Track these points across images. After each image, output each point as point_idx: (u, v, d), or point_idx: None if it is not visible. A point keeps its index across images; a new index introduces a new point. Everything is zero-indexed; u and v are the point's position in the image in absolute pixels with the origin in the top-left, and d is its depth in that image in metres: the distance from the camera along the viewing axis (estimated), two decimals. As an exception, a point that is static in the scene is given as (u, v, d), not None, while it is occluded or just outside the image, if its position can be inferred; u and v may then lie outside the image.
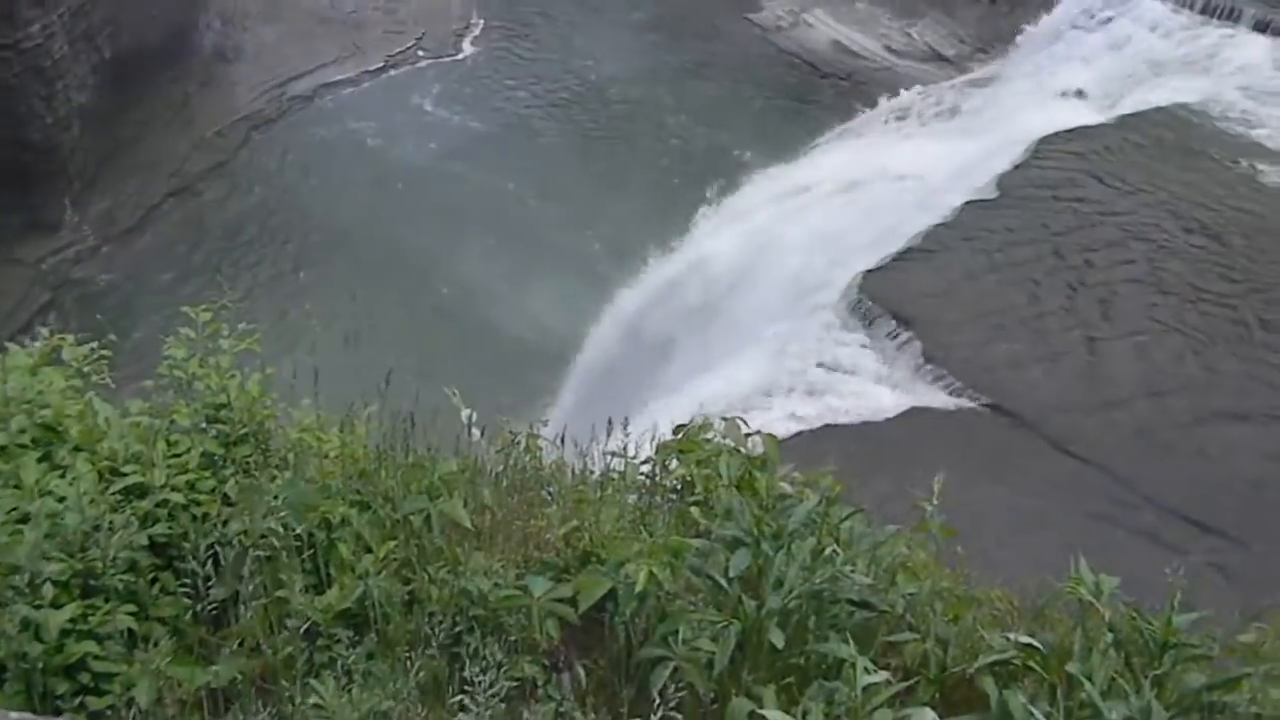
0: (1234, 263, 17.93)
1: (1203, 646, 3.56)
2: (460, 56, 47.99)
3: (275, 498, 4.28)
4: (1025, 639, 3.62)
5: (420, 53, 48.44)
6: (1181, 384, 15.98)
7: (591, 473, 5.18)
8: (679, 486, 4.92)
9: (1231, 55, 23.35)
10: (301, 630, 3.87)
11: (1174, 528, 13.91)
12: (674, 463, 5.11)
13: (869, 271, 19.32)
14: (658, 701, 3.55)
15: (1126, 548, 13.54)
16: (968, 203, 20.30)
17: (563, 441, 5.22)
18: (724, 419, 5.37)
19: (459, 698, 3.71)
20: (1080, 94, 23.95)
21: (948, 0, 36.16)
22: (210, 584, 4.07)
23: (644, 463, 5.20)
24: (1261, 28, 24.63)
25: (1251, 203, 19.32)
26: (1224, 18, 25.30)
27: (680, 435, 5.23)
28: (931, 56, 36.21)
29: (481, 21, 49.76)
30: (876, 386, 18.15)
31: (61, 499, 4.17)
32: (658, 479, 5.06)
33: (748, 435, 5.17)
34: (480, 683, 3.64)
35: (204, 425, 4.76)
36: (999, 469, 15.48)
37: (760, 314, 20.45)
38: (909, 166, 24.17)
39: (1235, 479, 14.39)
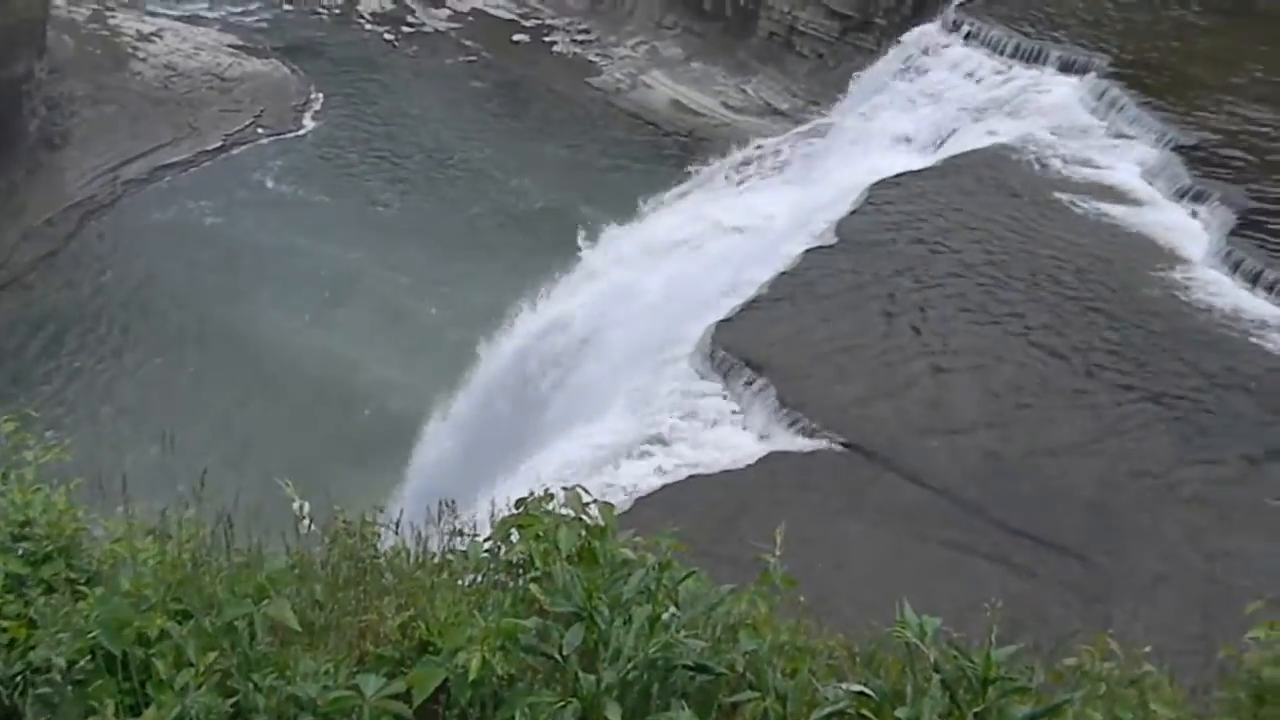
0: (1059, 291, 18.95)
1: (1023, 678, 3.69)
2: (301, 132, 47.42)
3: (86, 616, 4.05)
4: (857, 688, 3.68)
5: (260, 130, 47.69)
6: (1020, 411, 16.72)
7: (432, 556, 5.08)
8: (519, 563, 4.86)
9: (1040, 96, 24.91)
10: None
11: (1022, 549, 14.45)
12: (514, 538, 5.05)
13: (721, 322, 19.67)
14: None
15: (980, 572, 13.99)
16: (809, 250, 20.95)
17: (398, 527, 5.10)
18: (564, 488, 5.34)
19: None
20: (907, 140, 25.14)
21: (778, 57, 37.68)
22: (19, 717, 3.81)
23: (486, 540, 5.12)
24: (1067, 69, 26.35)
25: (1071, 234, 20.51)
26: (1032, 61, 27.00)
27: (520, 509, 5.17)
28: (767, 111, 37.55)
29: (321, 96, 49.35)
30: (736, 434, 18.41)
31: None
32: (499, 556, 4.99)
33: (588, 504, 5.16)
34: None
35: (8, 544, 4.48)
36: (857, 505, 15.85)
37: (617, 371, 20.57)
38: (752, 218, 24.85)
39: (1074, 498, 15.07)
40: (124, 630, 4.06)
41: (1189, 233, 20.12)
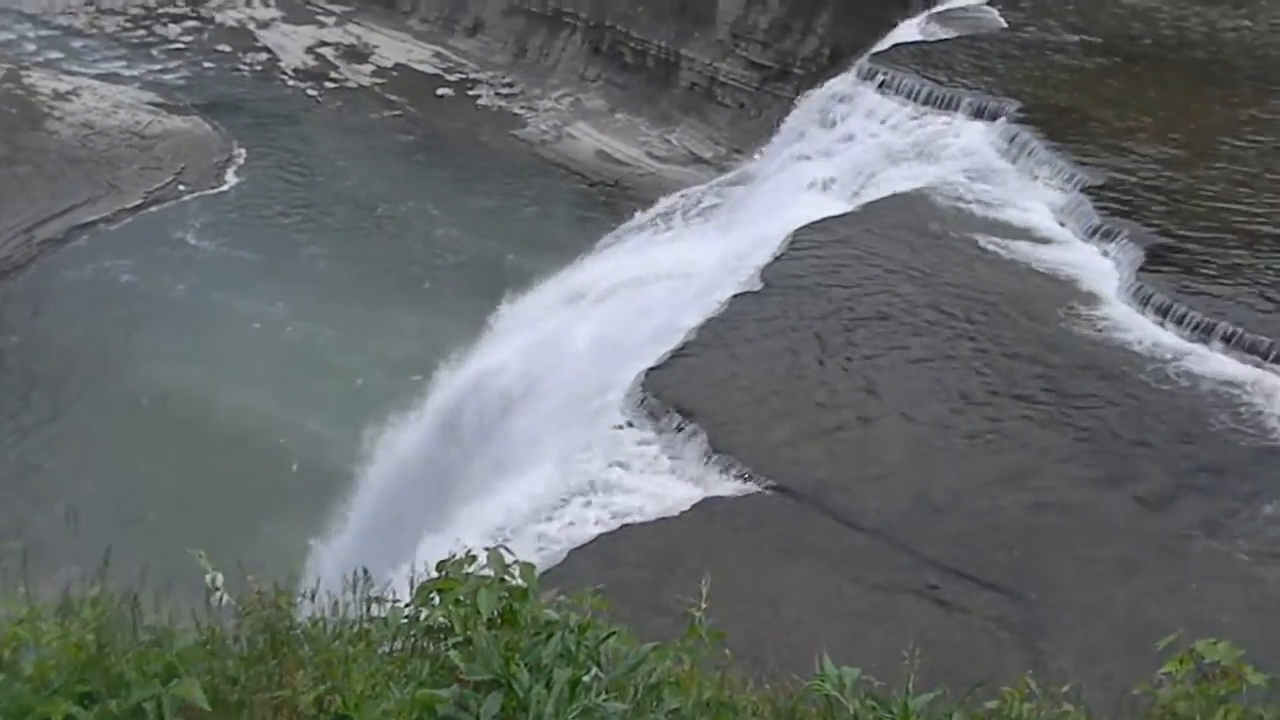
0: (979, 331, 19.37)
1: (941, 725, 3.71)
2: (224, 188, 46.99)
3: (-16, 705, 3.88)
4: (779, 744, 3.67)
5: (181, 187, 47.19)
6: (946, 450, 16.97)
7: (351, 625, 4.97)
8: (440, 628, 4.78)
9: (953, 141, 25.62)
10: None
11: (955, 587, 14.60)
12: (436, 602, 4.97)
13: (651, 369, 19.72)
14: None
15: (913, 612, 14.10)
16: (735, 296, 21.17)
17: (314, 596, 4.99)
18: (486, 548, 5.28)
19: None
20: (827, 186, 25.64)
21: (700, 107, 38.38)
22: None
23: (407, 606, 5.03)
24: (978, 114, 27.14)
25: (988, 274, 21.03)
26: (944, 107, 27.76)
27: (442, 572, 5.10)
28: (691, 159, 38.12)
29: (244, 152, 48.99)
30: (669, 481, 18.41)
31: None
32: (420, 622, 4.90)
33: (511, 564, 5.10)
34: None
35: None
36: (791, 550, 15.91)
37: (549, 422, 20.50)
38: (678, 265, 25.07)
39: (1002, 534, 15.30)
40: (27, 717, 3.91)
41: (1100, 270, 20.74)
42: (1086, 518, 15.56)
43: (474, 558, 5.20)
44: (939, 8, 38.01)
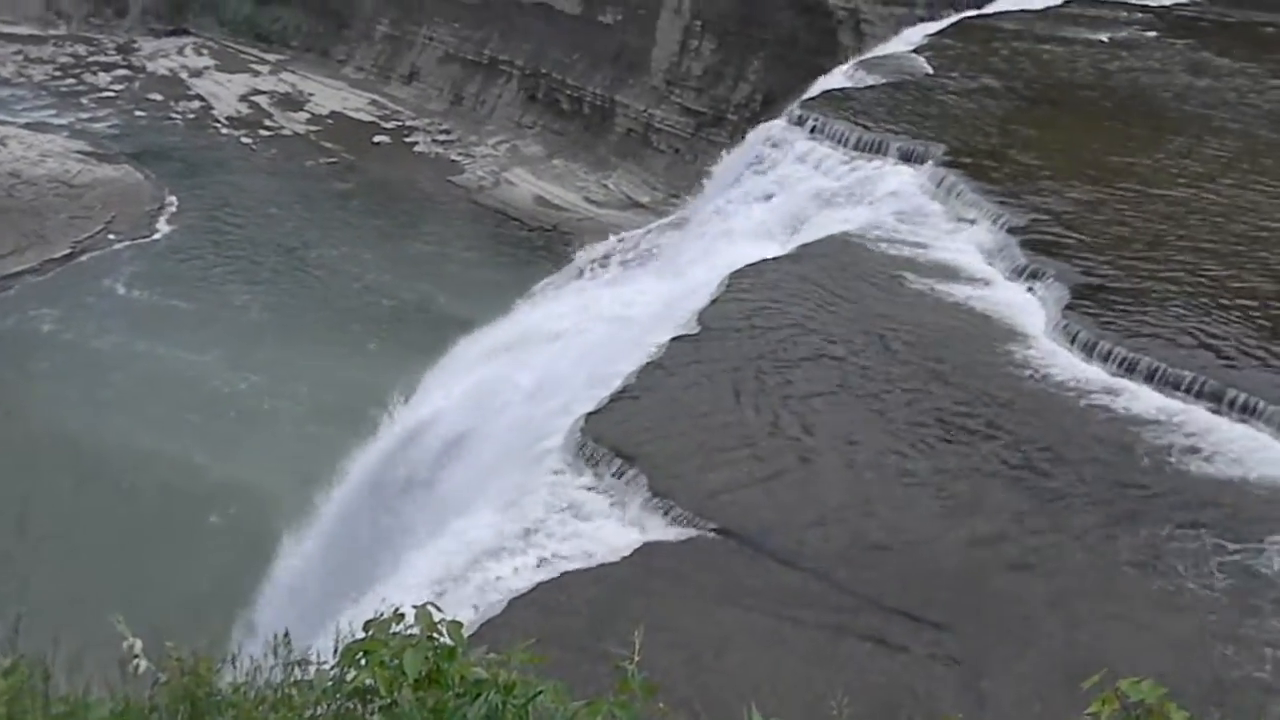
0: (912, 370, 19.66)
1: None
2: (155, 236, 46.41)
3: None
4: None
5: (112, 236, 46.54)
6: (884, 489, 17.13)
7: (275, 689, 4.85)
8: (366, 691, 4.68)
9: (883, 185, 26.13)
10: None
11: (896, 626, 14.67)
12: (363, 663, 4.87)
13: (590, 414, 19.68)
14: None
15: (855, 653, 14.14)
16: (674, 339, 21.26)
17: (234, 660, 4.86)
18: (415, 607, 5.20)
19: None
20: (761, 230, 25.97)
21: (637, 152, 38.80)
22: None
23: (332, 669, 4.93)
24: (907, 158, 27.73)
25: (920, 314, 21.38)
26: (873, 151, 28.34)
27: (369, 632, 5.00)
28: (628, 204, 38.44)
29: (176, 200, 48.45)
30: (610, 526, 18.32)
31: None
32: (346, 685, 4.80)
33: (439, 621, 5.03)
34: None
35: None
36: (734, 593, 15.89)
37: (488, 470, 20.33)
38: (616, 309, 25.15)
39: (942, 571, 15.44)
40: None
41: (1027, 309, 21.20)
42: (1023, 551, 15.77)
43: (401, 616, 5.12)
44: (866, 55, 38.96)
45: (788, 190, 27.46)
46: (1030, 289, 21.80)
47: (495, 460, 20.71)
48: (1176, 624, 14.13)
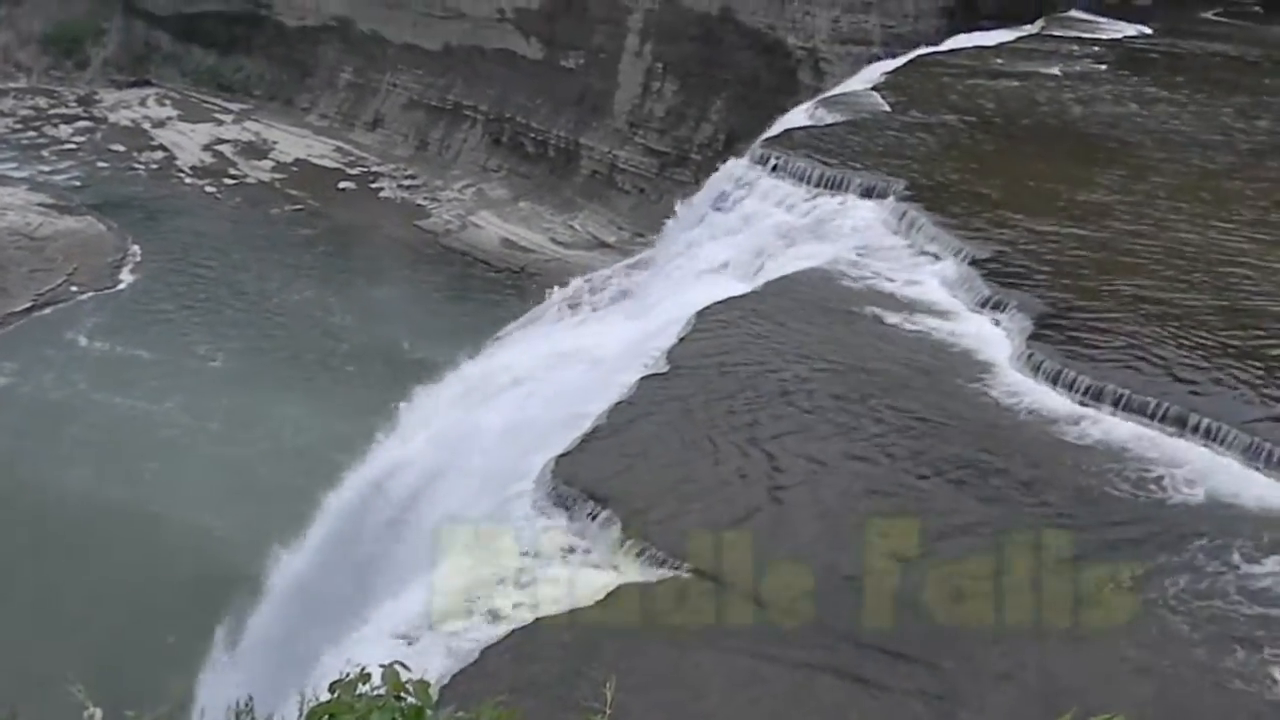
0: (879, 403, 19.72)
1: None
2: (119, 287, 46.06)
3: None
4: None
5: (74, 288, 46.15)
6: (855, 524, 17.11)
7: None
8: (332, 750, 4.57)
9: (845, 221, 26.38)
10: None
11: (872, 662, 14.59)
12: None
13: (561, 456, 19.57)
14: None
15: (833, 690, 14.04)
16: (643, 378, 21.24)
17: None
18: (381, 666, 5.10)
19: None
20: (727, 267, 26.10)
21: (602, 194, 39.03)
22: None
23: (298, 727, 4.82)
24: (868, 194, 28.03)
25: (885, 348, 21.51)
26: (835, 188, 28.63)
27: (334, 693, 4.90)
28: (595, 244, 38.59)
29: (139, 250, 48.13)
30: (583, 569, 18.16)
31: None
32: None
33: (407, 681, 4.93)
34: None
35: None
36: (709, 634, 15.76)
37: (458, 515, 20.13)
38: (585, 349, 25.13)
39: (917, 605, 15.37)
40: None
41: (992, 340, 21.37)
42: (995, 582, 15.76)
43: (368, 676, 5.03)
44: (826, 94, 39.49)
45: (751, 227, 27.65)
46: (994, 320, 21.99)
47: (465, 505, 20.51)
48: (1150, 655, 14.15)
